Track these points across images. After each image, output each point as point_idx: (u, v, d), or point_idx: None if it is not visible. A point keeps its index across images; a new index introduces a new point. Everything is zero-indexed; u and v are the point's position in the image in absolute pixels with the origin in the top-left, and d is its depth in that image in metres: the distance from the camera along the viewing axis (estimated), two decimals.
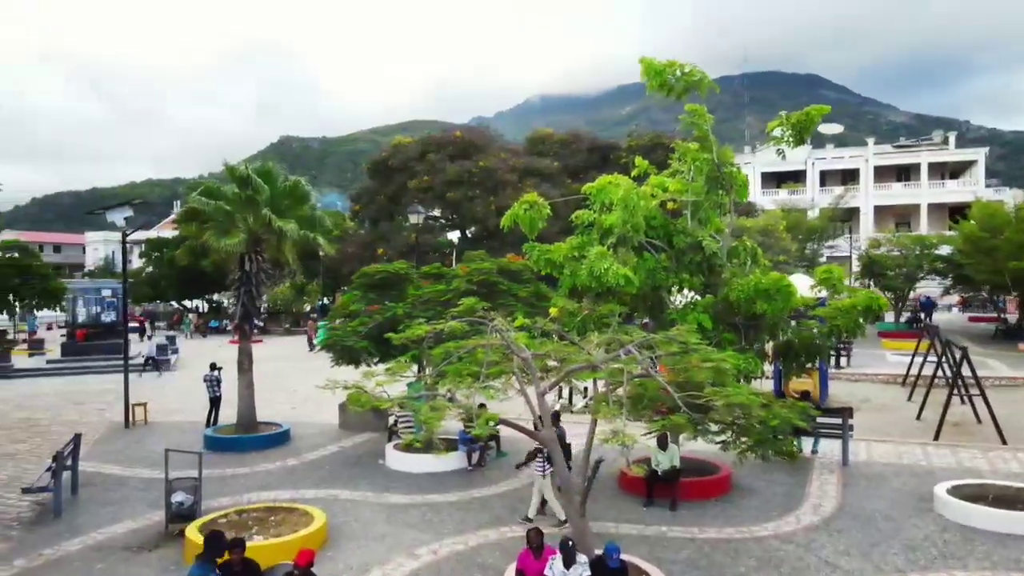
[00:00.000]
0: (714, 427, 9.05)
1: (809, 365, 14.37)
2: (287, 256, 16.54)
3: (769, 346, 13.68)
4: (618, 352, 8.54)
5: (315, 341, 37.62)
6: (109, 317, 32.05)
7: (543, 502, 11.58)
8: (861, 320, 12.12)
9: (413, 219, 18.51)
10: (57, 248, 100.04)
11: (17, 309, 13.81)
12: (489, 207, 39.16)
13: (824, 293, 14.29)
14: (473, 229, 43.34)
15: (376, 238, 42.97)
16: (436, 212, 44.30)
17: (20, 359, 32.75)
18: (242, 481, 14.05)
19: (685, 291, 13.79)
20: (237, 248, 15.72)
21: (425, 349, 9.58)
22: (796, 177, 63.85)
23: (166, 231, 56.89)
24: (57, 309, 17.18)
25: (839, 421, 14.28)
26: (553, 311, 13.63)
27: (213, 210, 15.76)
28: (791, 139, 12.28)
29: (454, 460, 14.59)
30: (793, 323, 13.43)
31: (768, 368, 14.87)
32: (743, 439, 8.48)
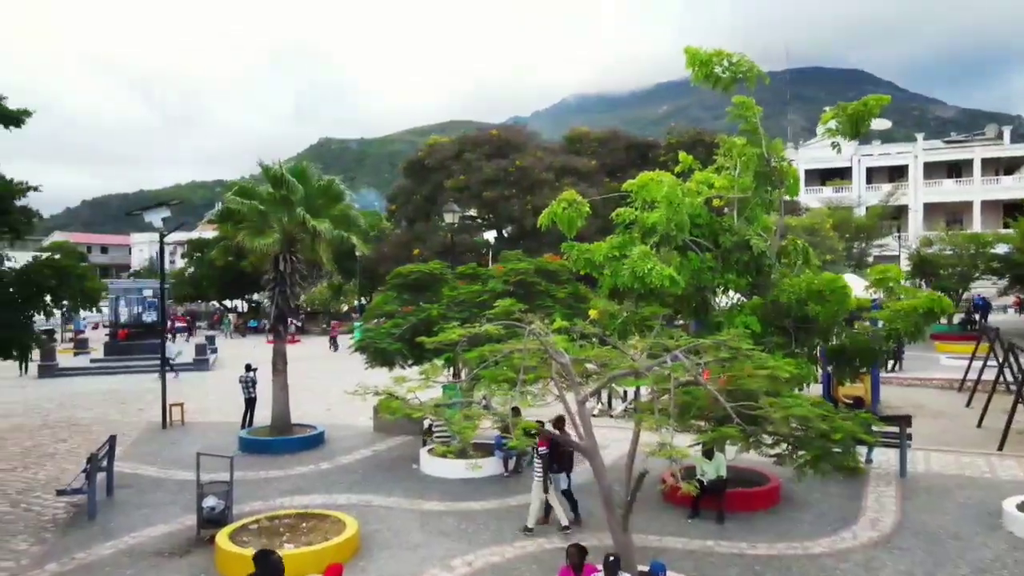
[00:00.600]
0: (767, 439, 8.46)
1: (863, 371, 13.61)
2: (321, 256, 16.33)
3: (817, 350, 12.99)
4: (664, 358, 8.02)
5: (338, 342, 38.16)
6: (150, 317, 32.48)
7: (547, 509, 11.19)
8: (922, 323, 11.36)
9: (448, 217, 18.16)
10: (104, 249, 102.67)
11: (55, 310, 13.78)
12: (526, 206, 38.78)
13: (878, 294, 13.53)
14: (509, 229, 42.99)
15: (412, 238, 42.91)
16: (472, 212, 44.07)
17: (66, 358, 33.41)
18: (275, 485, 13.85)
19: (730, 292, 13.18)
20: (271, 248, 15.55)
21: (460, 352, 9.16)
22: (841, 174, 62.03)
23: (207, 232, 57.76)
24: (94, 310, 17.24)
25: (895, 429, 13.50)
26: (593, 313, 13.13)
27: (248, 210, 15.62)
28: (847, 131, 11.58)
29: (490, 466, 14.19)
30: (847, 326, 12.71)
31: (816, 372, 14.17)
32: (800, 452, 7.89)
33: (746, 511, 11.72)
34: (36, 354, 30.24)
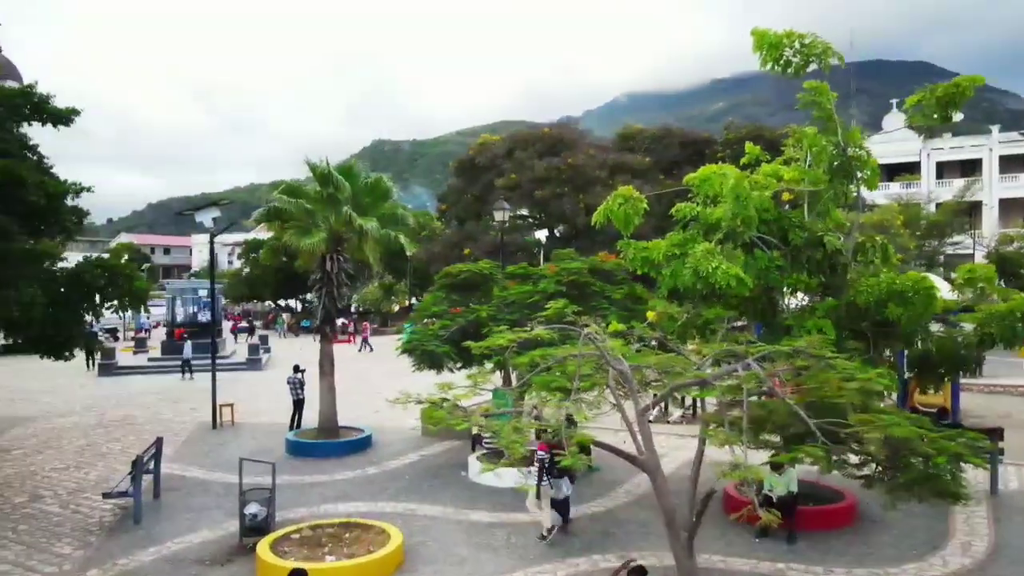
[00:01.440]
0: (853, 458, 7.59)
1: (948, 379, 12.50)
2: (368, 255, 15.95)
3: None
4: (734, 365, 7.24)
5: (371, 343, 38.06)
6: (205, 316, 32.88)
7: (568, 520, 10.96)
8: (1021, 328, 10.25)
9: (499, 216, 17.61)
10: (167, 250, 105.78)
11: (105, 311, 13.81)
12: (578, 205, 38.01)
13: (964, 295, 12.38)
14: (561, 228, 42.24)
15: (463, 238, 42.55)
16: (523, 211, 43.49)
17: (126, 356, 34.12)
18: (319, 490, 13.49)
19: (798, 294, 12.24)
20: (318, 247, 15.23)
21: (510, 357, 8.55)
22: (910, 169, 59.19)
23: (263, 233, 58.63)
24: (142, 311, 17.33)
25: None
26: (651, 315, 12.39)
27: (294, 209, 15.34)
28: (934, 115, 10.54)
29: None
30: (931, 330, 11.64)
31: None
32: (894, 474, 6.99)
33: (819, 530, 10.81)
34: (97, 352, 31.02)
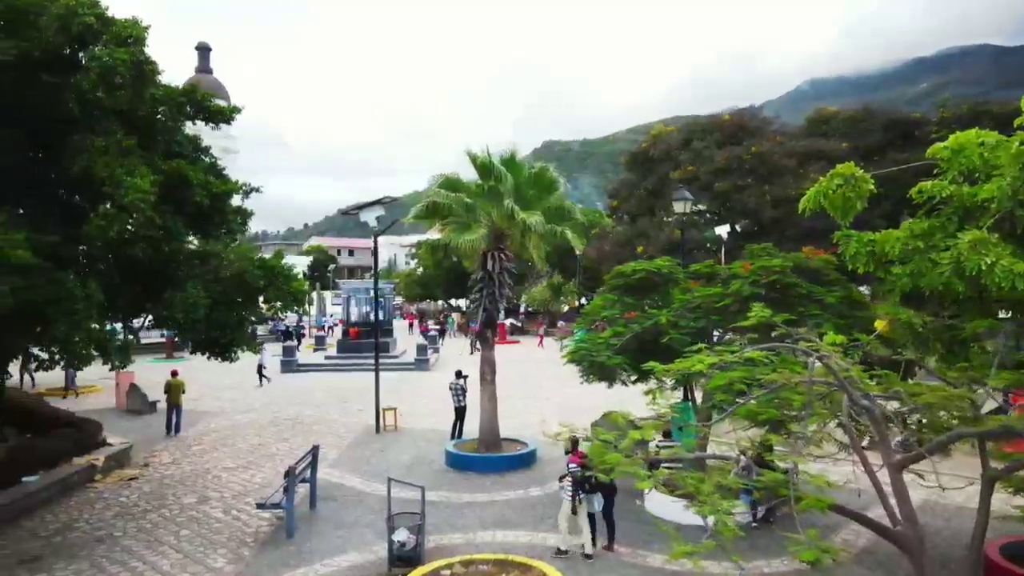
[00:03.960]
0: None
1: None
2: (533, 253, 14.53)
3: None
4: None
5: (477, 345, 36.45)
6: (379, 316, 33.37)
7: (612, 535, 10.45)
8: None
9: (678, 208, 15.50)
10: (351, 252, 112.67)
11: (264, 312, 13.63)
12: (763, 197, 34.49)
13: None
14: (743, 223, 38.69)
15: (635, 235, 40.32)
16: (701, 206, 40.43)
17: (307, 354, 35.63)
18: (477, 512, 12.22)
19: None
20: (478, 244, 14.02)
21: (701, 381, 6.61)
22: None
23: (435, 233, 59.94)
24: (300, 312, 17.26)
25: None
26: (880, 325, 9.79)
27: (453, 203, 14.24)
28: None
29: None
30: None
31: None
32: None
33: None
34: (280, 350, 32.51)
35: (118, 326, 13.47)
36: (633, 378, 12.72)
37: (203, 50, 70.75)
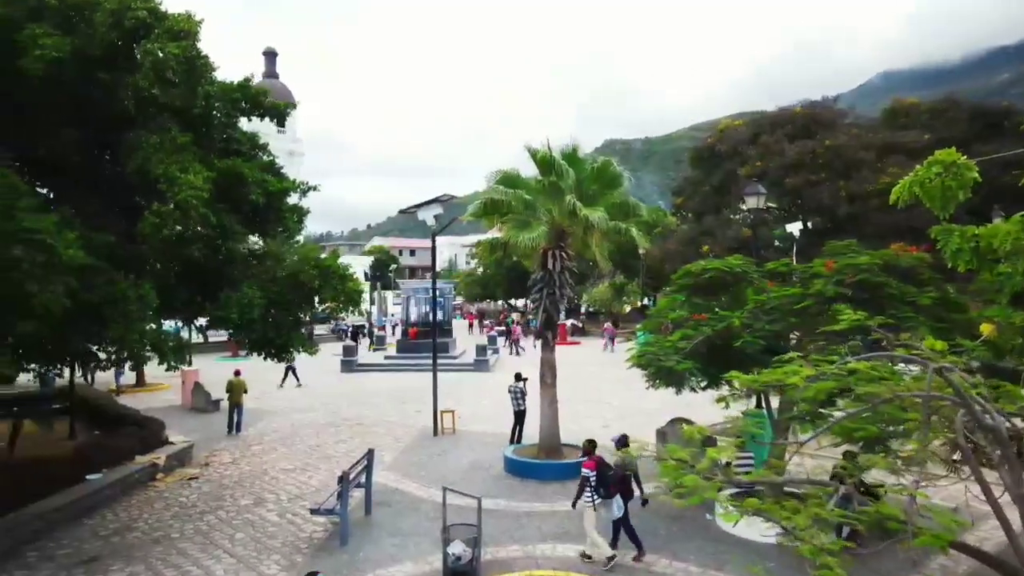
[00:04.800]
0: None
1: None
2: (595, 251, 13.89)
3: None
4: None
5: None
6: (438, 316, 33.18)
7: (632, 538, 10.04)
8: None
9: (751, 202, 14.54)
10: (412, 252, 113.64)
11: (318, 312, 13.42)
12: (838, 193, 32.82)
13: None
14: (815, 220, 36.95)
15: (700, 233, 39.06)
16: (771, 203, 38.84)
17: (368, 353, 35.73)
18: (536, 523, 11.65)
19: None
20: (538, 243, 13.44)
21: (795, 396, 5.87)
22: None
23: (494, 232, 59.69)
24: (355, 313, 16.98)
25: None
26: (985, 329, 8.79)
27: (512, 200, 13.71)
28: None
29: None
30: None
31: None
32: None
33: None
34: (340, 349, 32.68)
35: (178, 324, 13.47)
36: (703, 384, 11.94)
37: (270, 55, 72.49)
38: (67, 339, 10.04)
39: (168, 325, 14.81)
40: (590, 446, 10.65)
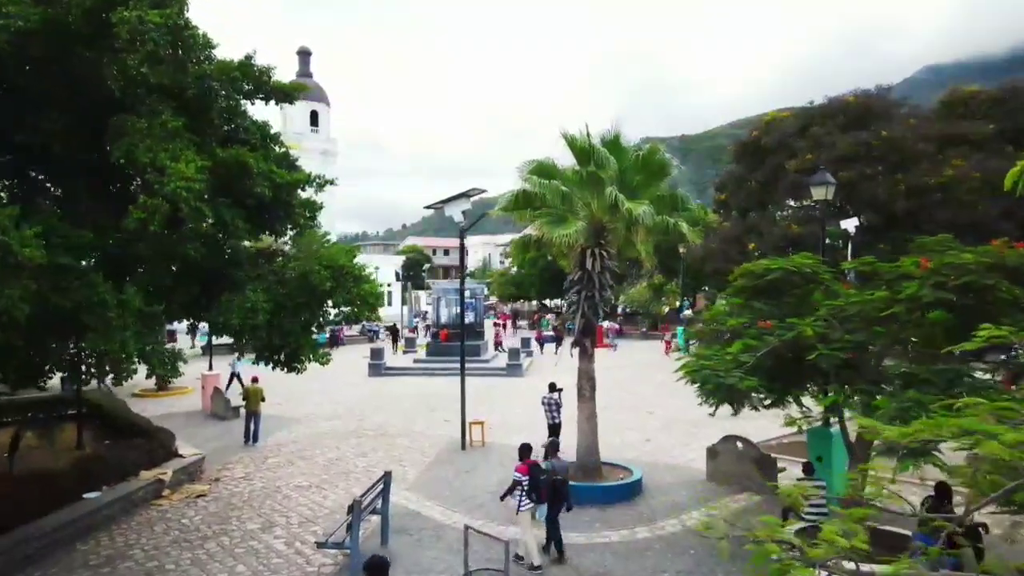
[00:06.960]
0: None
1: None
2: (640, 248, 12.40)
3: None
4: None
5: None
6: (469, 318, 31.85)
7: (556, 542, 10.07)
8: None
9: (818, 193, 12.86)
10: (446, 252, 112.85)
11: (331, 317, 12.23)
12: (895, 187, 30.66)
13: None
14: (869, 216, 34.65)
15: (745, 231, 37.07)
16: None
17: (396, 356, 34.56)
18: (575, 558, 10.20)
19: None
20: (575, 239, 11.99)
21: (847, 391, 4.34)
22: None
23: (529, 228, 58.22)
24: (372, 317, 15.78)
25: None
26: None
27: (548, 192, 12.27)
28: None
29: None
30: None
31: None
32: None
33: None
34: (368, 352, 31.57)
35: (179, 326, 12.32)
36: (767, 401, 10.37)
37: (303, 54, 72.07)
38: (44, 349, 8.95)
39: (179, 327, 13.81)
40: (524, 451, 10.42)
